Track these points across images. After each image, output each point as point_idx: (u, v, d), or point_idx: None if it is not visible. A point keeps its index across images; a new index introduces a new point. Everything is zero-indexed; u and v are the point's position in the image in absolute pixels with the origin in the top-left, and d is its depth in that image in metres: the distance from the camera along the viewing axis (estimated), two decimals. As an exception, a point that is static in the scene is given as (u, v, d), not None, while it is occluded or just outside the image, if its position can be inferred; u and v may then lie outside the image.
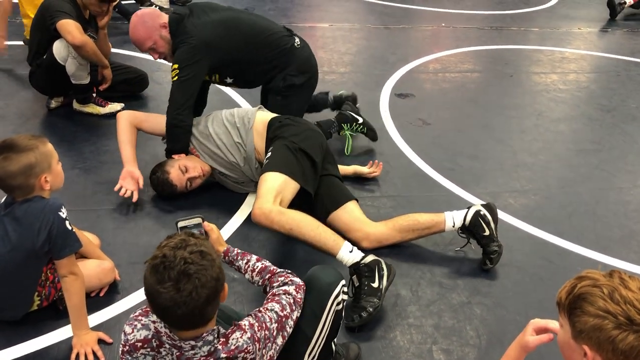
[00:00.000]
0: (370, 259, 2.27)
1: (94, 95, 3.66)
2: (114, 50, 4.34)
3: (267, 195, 2.38)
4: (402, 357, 2.10)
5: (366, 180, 3.15)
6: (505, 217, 2.94)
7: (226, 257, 1.88)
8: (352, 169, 3.12)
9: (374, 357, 2.09)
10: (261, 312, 1.63)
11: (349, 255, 2.28)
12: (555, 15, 6.90)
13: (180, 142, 2.87)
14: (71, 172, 3.03)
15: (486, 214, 2.57)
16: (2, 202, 2.01)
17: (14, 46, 4.55)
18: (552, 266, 2.65)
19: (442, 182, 3.24)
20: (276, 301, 1.68)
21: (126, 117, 2.92)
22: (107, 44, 3.69)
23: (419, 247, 2.68)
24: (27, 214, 1.93)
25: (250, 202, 2.90)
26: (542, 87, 4.68)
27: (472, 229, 2.57)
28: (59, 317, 2.12)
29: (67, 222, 1.94)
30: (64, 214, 1.94)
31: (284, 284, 1.74)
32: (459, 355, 2.13)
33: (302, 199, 2.57)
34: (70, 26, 3.21)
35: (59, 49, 3.29)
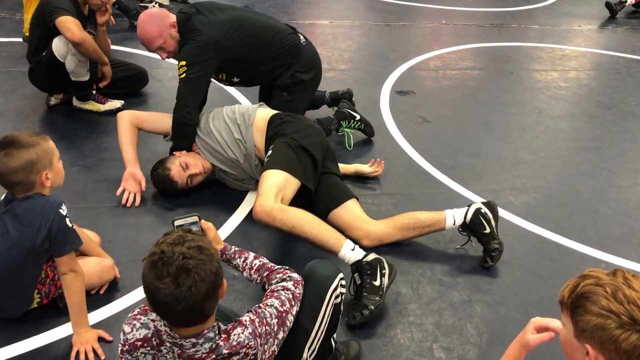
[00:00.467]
0: (372, 257, 2.27)
1: (94, 92, 3.65)
2: (114, 47, 4.33)
3: (269, 192, 2.38)
4: (402, 355, 2.10)
5: (367, 178, 3.15)
6: (506, 214, 2.94)
7: (223, 255, 1.88)
8: (353, 168, 3.11)
9: (374, 355, 2.09)
10: (261, 308, 1.64)
11: (351, 253, 2.28)
12: (555, 12, 6.88)
13: (187, 140, 2.86)
14: (71, 170, 3.03)
15: (487, 212, 2.57)
16: (2, 199, 2.01)
17: (13, 43, 4.54)
18: (552, 264, 2.65)
19: (443, 180, 3.23)
20: (275, 297, 1.68)
21: (127, 117, 2.90)
22: (106, 41, 3.68)
23: (420, 245, 2.68)
24: (27, 211, 1.92)
25: (250, 200, 2.90)
26: (543, 85, 4.68)
27: (472, 227, 2.56)
28: (59, 314, 2.11)
29: (67, 220, 1.93)
30: (64, 211, 1.93)
31: (282, 280, 1.74)
32: (460, 353, 2.13)
33: (302, 197, 2.57)
34: (69, 23, 3.19)
35: (58, 46, 3.28)
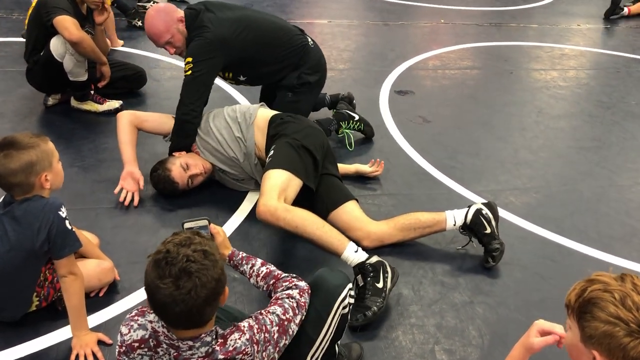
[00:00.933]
0: (375, 259, 2.26)
1: (92, 92, 3.63)
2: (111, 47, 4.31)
3: (272, 192, 2.36)
4: (404, 357, 2.09)
5: (367, 178, 3.13)
6: (506, 215, 2.93)
7: (231, 261, 1.86)
8: (354, 168, 3.10)
9: (376, 357, 2.07)
10: (262, 314, 1.62)
11: (354, 255, 2.26)
12: (554, 11, 6.87)
13: (189, 138, 2.85)
14: (69, 170, 3.00)
15: (487, 212, 2.56)
16: (1, 201, 1.99)
17: (10, 43, 4.52)
18: (554, 265, 2.64)
19: (443, 180, 3.22)
20: (278, 305, 1.66)
21: (126, 117, 2.88)
22: (104, 41, 3.66)
23: (420, 245, 2.66)
24: (26, 213, 1.90)
25: (250, 200, 2.88)
26: (542, 84, 4.67)
27: (473, 227, 2.55)
28: (57, 317, 2.10)
29: (67, 222, 1.91)
30: (63, 213, 1.91)
31: (288, 288, 1.72)
32: (462, 355, 2.11)
33: (302, 197, 2.55)
34: (67, 22, 3.17)
35: (56, 46, 3.25)
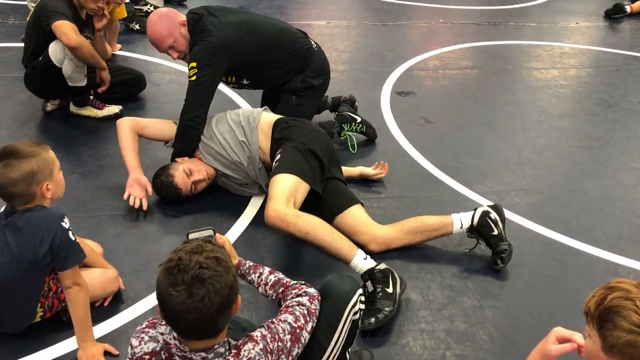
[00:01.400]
0: (383, 266, 2.25)
1: (91, 97, 3.59)
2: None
3: (280, 197, 2.33)
4: (415, 363, 2.06)
5: (371, 181, 3.10)
6: (512, 216, 2.90)
7: (238, 270, 1.83)
8: (357, 171, 3.07)
9: (387, 364, 2.05)
10: (274, 323, 1.59)
11: (363, 262, 2.24)
12: (552, 9, 6.86)
13: (191, 144, 2.81)
14: (70, 178, 2.96)
15: (494, 214, 2.54)
16: (2, 211, 1.95)
17: (7, 48, 4.48)
18: (562, 266, 2.61)
19: (447, 182, 3.19)
20: (289, 312, 1.64)
21: (127, 124, 2.84)
22: (103, 46, 3.62)
23: (427, 249, 2.63)
24: (28, 224, 1.87)
25: (254, 205, 2.85)
26: (543, 83, 4.65)
27: (480, 230, 2.53)
28: (62, 328, 2.06)
29: (70, 233, 1.88)
30: (66, 224, 1.88)
31: (298, 295, 1.69)
32: (473, 360, 2.09)
33: (307, 201, 2.52)
34: (65, 27, 3.13)
35: (55, 51, 3.21)
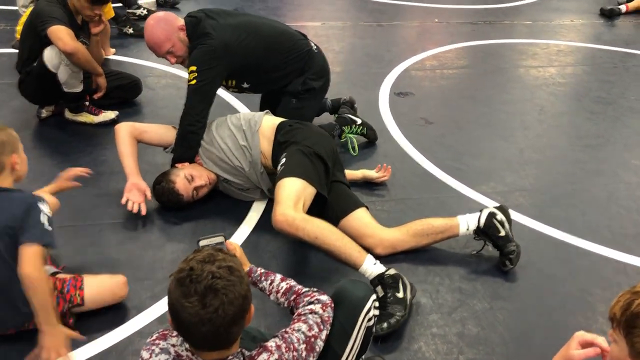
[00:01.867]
0: (393, 271, 2.21)
1: (87, 103, 3.53)
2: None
3: (288, 201, 2.28)
4: (428, 369, 2.03)
5: (374, 184, 3.06)
6: (518, 217, 2.87)
7: (250, 278, 1.79)
8: (360, 174, 3.03)
9: (399, 371, 2.01)
10: (288, 332, 1.56)
11: (373, 267, 2.20)
12: (546, 7, 6.85)
13: (191, 149, 2.77)
14: (68, 185, 2.91)
15: (500, 215, 2.51)
16: None
17: (1, 54, 4.40)
18: (570, 266, 2.59)
19: (450, 183, 3.16)
20: (302, 321, 1.60)
21: (125, 129, 2.79)
22: (99, 51, 3.56)
23: (434, 251, 2.60)
24: (4, 200, 1.88)
25: (256, 210, 2.80)
26: (541, 82, 4.63)
27: (487, 231, 2.50)
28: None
29: (45, 216, 1.86)
30: (45, 207, 1.88)
31: (310, 303, 1.66)
32: (487, 364, 2.06)
33: (312, 205, 2.48)
34: (61, 32, 3.08)
35: (50, 56, 3.15)
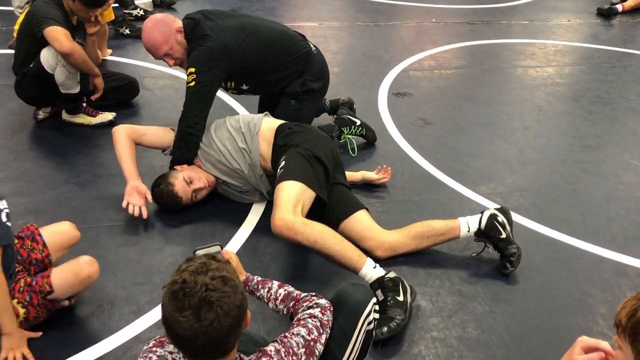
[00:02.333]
0: (393, 274, 2.20)
1: (84, 104, 3.51)
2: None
3: (287, 205, 2.27)
4: (429, 373, 2.01)
5: (374, 186, 3.05)
6: (517, 218, 2.85)
7: (246, 287, 1.77)
8: (360, 176, 3.01)
9: (400, 375, 2.00)
10: (287, 337, 1.54)
11: (373, 271, 2.19)
12: (543, 7, 6.85)
13: (190, 151, 2.74)
14: (65, 188, 2.89)
15: (501, 217, 2.50)
16: None
17: (-5, 55, 4.38)
18: (570, 268, 2.58)
19: (450, 184, 3.15)
20: (302, 325, 1.59)
21: (123, 131, 2.76)
22: (95, 52, 3.54)
23: (434, 254, 2.58)
24: None
25: (255, 213, 2.79)
26: (540, 82, 4.62)
27: (488, 233, 2.49)
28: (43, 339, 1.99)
29: (2, 213, 1.85)
30: (2, 204, 1.86)
31: (309, 307, 1.65)
32: (488, 368, 2.05)
33: (312, 208, 2.46)
34: (57, 33, 3.05)
35: (47, 57, 3.13)
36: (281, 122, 2.76)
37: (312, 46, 3.18)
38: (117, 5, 5.28)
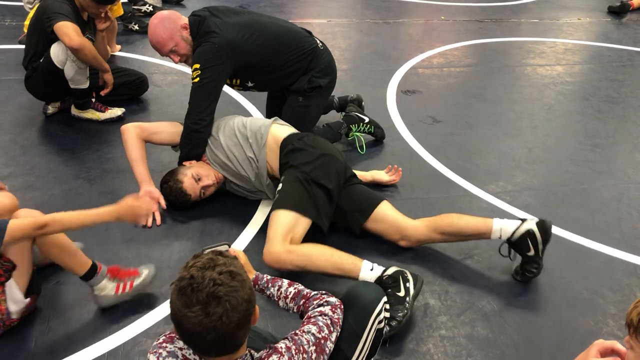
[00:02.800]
0: (392, 270, 2.19)
1: (93, 100, 3.51)
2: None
3: (276, 237, 2.28)
4: (437, 371, 2.01)
5: (383, 184, 3.03)
6: (527, 217, 2.84)
7: (256, 285, 1.77)
8: (370, 176, 2.97)
9: (408, 373, 1.99)
10: (297, 334, 1.54)
11: (370, 273, 2.19)
12: (553, 5, 6.82)
13: (197, 148, 2.74)
14: (74, 183, 2.90)
15: (538, 236, 2.36)
16: None
17: (4, 50, 4.39)
18: (580, 268, 2.56)
19: (459, 182, 3.14)
20: (312, 323, 1.58)
21: (133, 131, 2.73)
22: (104, 47, 3.55)
23: (444, 251, 2.57)
24: None
25: (262, 211, 2.78)
26: (549, 80, 4.60)
27: (515, 246, 2.40)
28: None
29: None
30: None
31: (319, 305, 1.64)
32: (497, 367, 2.04)
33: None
34: (67, 28, 3.06)
35: (57, 52, 3.14)
36: (287, 132, 2.68)
37: (318, 42, 3.16)
38: (126, 1, 5.30)
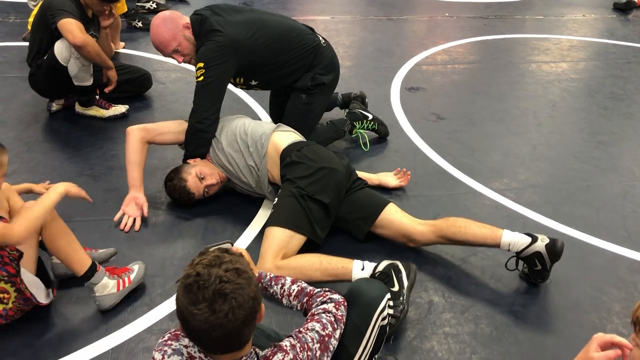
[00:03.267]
0: (383, 265, 2.18)
1: (97, 97, 3.52)
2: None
3: (267, 254, 2.29)
4: (441, 369, 2.00)
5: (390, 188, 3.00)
6: (531, 214, 2.85)
7: (259, 283, 1.77)
8: (377, 180, 2.94)
9: (412, 371, 1.99)
10: (302, 332, 1.54)
11: (361, 273, 2.19)
12: (558, 2, 6.79)
13: (202, 147, 2.73)
14: (78, 180, 2.90)
15: (546, 257, 2.30)
16: None
17: (8, 47, 4.40)
18: (585, 265, 2.55)
19: (463, 180, 3.13)
20: (316, 320, 1.59)
21: (137, 134, 2.69)
22: (108, 44, 3.55)
23: (448, 249, 2.56)
24: None
25: (266, 208, 2.77)
26: (554, 77, 4.58)
27: (523, 260, 2.36)
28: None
29: None
30: None
31: (323, 303, 1.65)
32: (501, 365, 2.03)
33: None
34: (71, 25, 3.06)
35: (60, 49, 3.14)
36: (288, 141, 2.63)
37: (321, 39, 3.15)
38: (130, -2, 5.29)
